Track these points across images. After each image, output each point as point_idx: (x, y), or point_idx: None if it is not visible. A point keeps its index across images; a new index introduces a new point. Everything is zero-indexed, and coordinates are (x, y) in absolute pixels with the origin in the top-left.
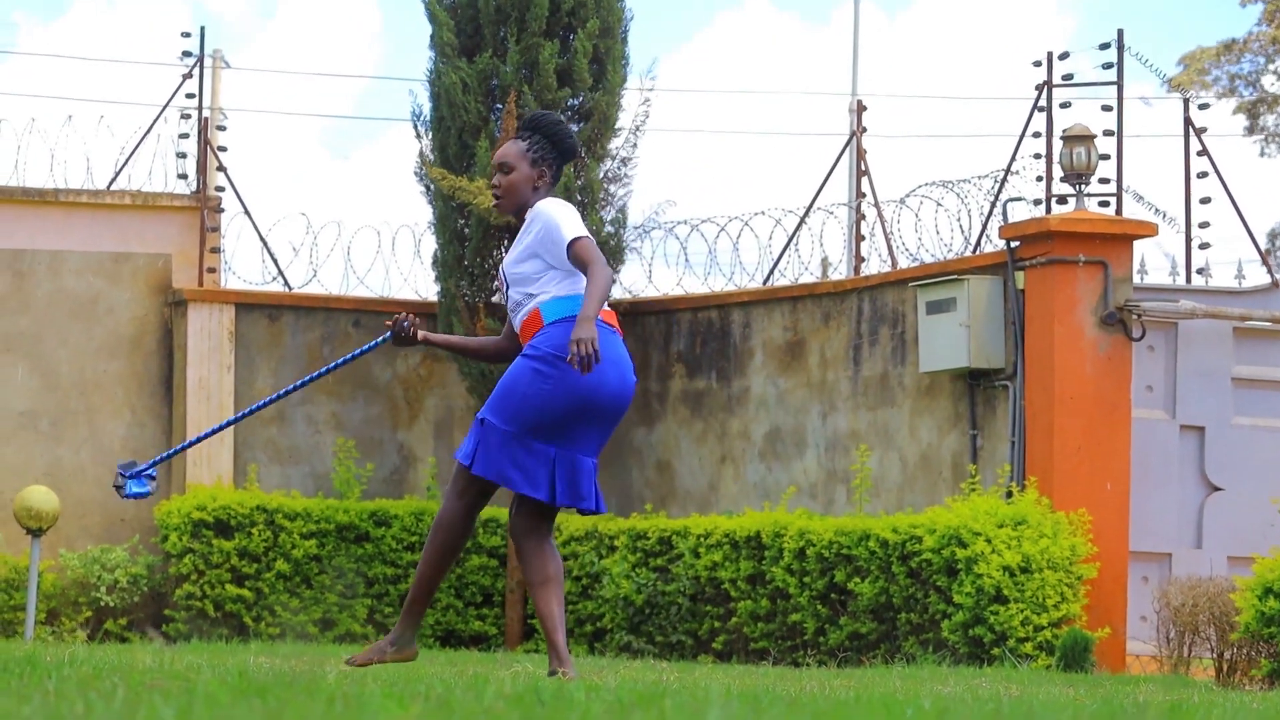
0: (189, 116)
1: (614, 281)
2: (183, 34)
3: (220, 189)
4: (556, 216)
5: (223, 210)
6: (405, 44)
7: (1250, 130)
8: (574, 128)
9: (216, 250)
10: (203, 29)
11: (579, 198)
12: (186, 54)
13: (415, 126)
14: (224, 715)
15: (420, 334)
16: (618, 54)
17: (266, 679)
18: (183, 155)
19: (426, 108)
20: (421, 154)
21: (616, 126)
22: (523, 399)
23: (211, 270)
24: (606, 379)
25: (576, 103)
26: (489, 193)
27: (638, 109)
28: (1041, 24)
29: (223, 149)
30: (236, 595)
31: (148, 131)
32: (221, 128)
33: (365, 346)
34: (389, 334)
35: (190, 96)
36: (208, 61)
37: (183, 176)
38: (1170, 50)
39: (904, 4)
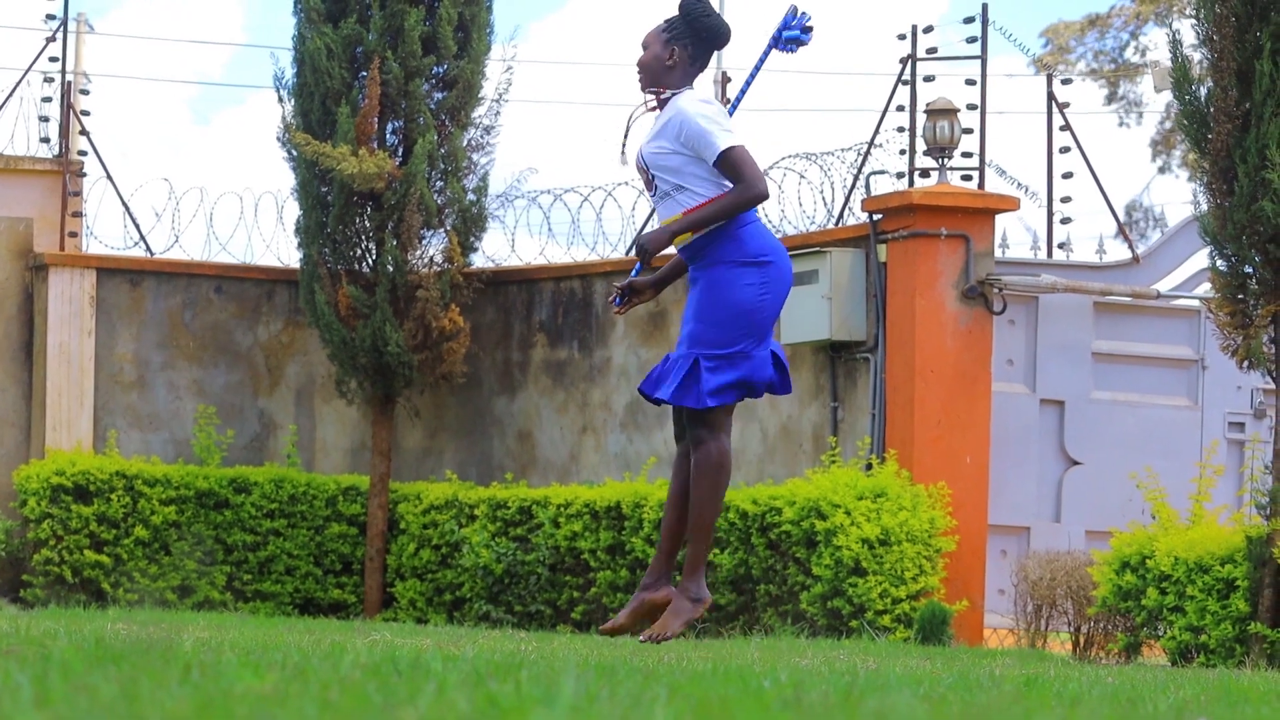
0: (52, 80)
1: (762, 199)
2: None
3: (83, 153)
4: (701, 123)
5: (85, 175)
6: (270, 10)
7: (1110, 99)
8: (438, 96)
9: (78, 215)
10: None
11: (443, 165)
12: (50, 17)
13: (278, 92)
14: (79, 683)
15: (640, 287)
16: (483, 21)
17: (123, 646)
18: (45, 119)
19: (290, 73)
20: (284, 119)
21: (480, 95)
22: (749, 314)
23: (73, 235)
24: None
25: (441, 70)
26: (351, 159)
27: (500, 77)
28: None
29: (86, 113)
30: (95, 561)
31: (10, 94)
32: (85, 92)
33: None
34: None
35: (54, 60)
36: (71, 25)
37: (45, 140)
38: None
39: None
